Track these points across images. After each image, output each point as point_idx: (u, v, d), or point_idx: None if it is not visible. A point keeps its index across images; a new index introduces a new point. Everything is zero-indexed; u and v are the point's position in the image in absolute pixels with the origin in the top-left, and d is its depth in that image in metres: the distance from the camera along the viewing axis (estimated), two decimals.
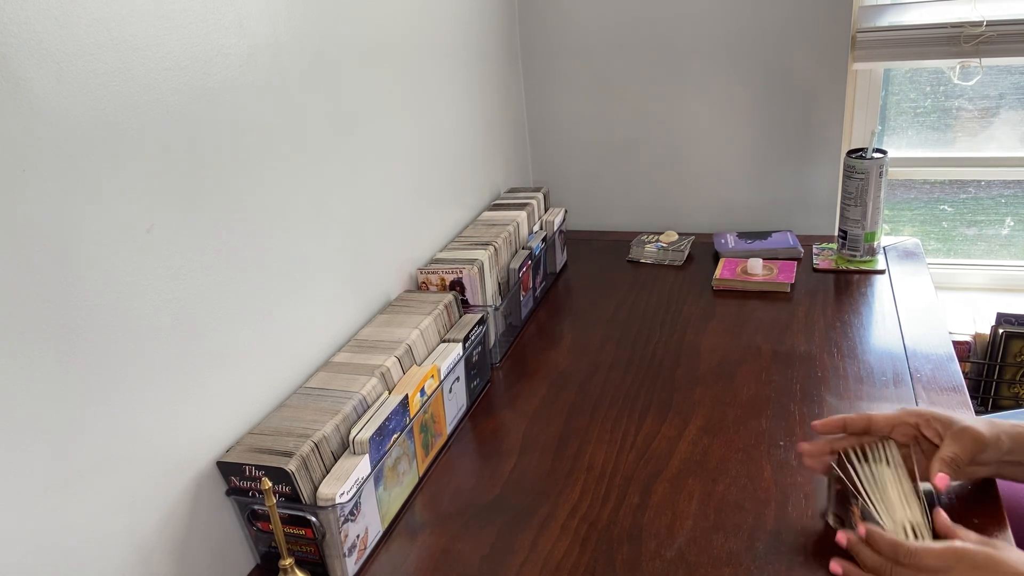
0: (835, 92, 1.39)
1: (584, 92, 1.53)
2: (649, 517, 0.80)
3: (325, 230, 0.93)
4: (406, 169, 1.13)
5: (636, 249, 1.45)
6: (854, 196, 1.26)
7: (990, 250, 1.60)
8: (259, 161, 0.81)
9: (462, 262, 1.11)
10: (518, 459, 0.92)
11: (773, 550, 0.74)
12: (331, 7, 0.92)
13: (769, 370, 1.04)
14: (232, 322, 0.78)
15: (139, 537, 0.68)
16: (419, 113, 1.16)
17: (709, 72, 1.44)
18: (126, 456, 0.66)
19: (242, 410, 0.80)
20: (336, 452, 0.78)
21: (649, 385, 1.04)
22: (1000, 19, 1.27)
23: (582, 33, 1.48)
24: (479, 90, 1.36)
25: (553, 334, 1.20)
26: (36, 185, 0.57)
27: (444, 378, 0.94)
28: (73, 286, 0.60)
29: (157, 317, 0.69)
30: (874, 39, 1.35)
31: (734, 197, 1.53)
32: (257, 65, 0.80)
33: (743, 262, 1.32)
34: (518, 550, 0.78)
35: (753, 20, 1.38)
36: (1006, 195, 1.55)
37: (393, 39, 1.07)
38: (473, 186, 1.36)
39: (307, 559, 0.76)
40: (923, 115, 1.52)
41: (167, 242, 0.70)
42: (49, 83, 0.58)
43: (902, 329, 1.10)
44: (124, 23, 0.64)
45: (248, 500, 0.75)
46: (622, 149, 1.56)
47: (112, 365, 0.64)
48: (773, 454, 0.88)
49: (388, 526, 0.83)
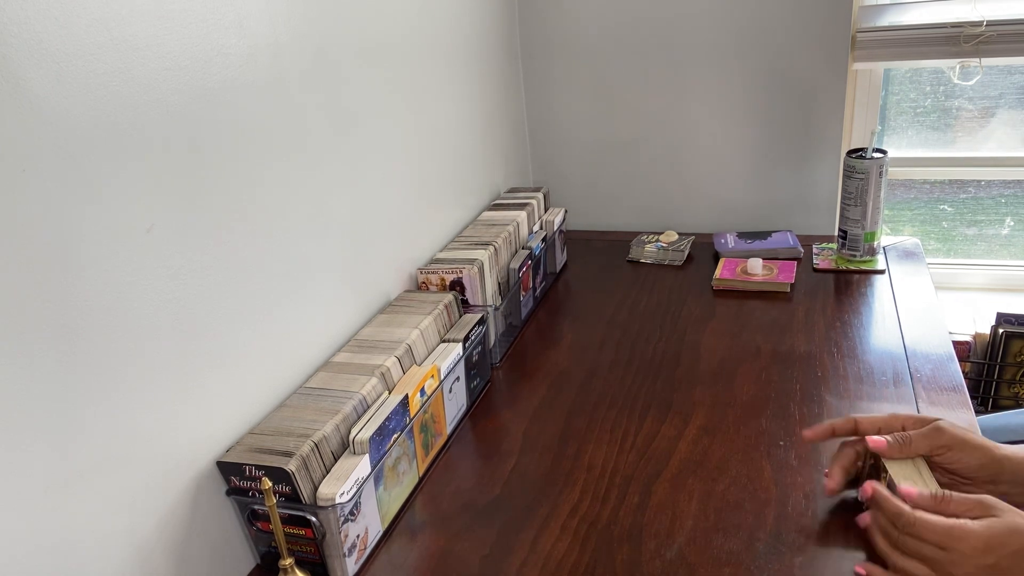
0: (835, 92, 1.39)
1: (584, 92, 1.53)
2: (649, 517, 0.80)
3: (325, 230, 0.93)
4: (406, 169, 1.13)
5: (636, 249, 1.45)
6: (854, 196, 1.26)
7: (990, 250, 1.60)
8: (259, 161, 0.81)
9: (462, 262, 1.11)
10: (518, 459, 0.92)
11: (773, 550, 0.74)
12: (331, 7, 0.92)
13: (769, 370, 1.04)
14: (232, 322, 0.78)
15: (139, 537, 0.68)
16: (419, 113, 1.16)
17: (709, 72, 1.44)
18: (126, 456, 0.66)
19: (242, 410, 0.80)
20: (336, 452, 0.78)
21: (649, 385, 1.04)
22: (1000, 19, 1.27)
23: (582, 33, 1.48)
24: (479, 90, 1.36)
25: (553, 334, 1.20)
26: (36, 185, 0.57)
27: (444, 378, 0.94)
28: (73, 286, 0.60)
29: (157, 317, 0.69)
30: (874, 39, 1.35)
31: (734, 197, 1.53)
32: (257, 65, 0.80)
33: (743, 262, 1.32)
34: (518, 550, 0.78)
35: (753, 20, 1.38)
36: (1006, 195, 1.55)
37: (393, 39, 1.07)
38: (473, 186, 1.36)
39: (307, 559, 0.76)
40: (923, 115, 1.52)
41: (167, 242, 0.70)
42: (49, 83, 0.58)
43: (902, 329, 1.10)
44: (124, 23, 0.64)
45: (248, 500, 0.75)
46: (622, 149, 1.56)
47: (112, 365, 0.64)
48: (773, 454, 0.88)
49: (388, 526, 0.83)
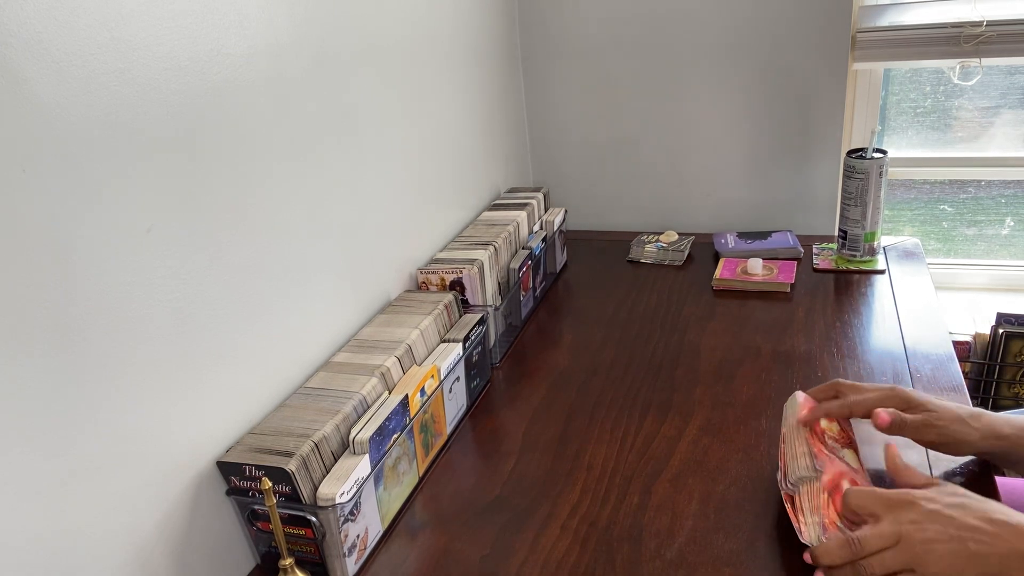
0: (835, 92, 1.39)
1: (584, 92, 1.53)
2: (649, 517, 0.80)
3: (325, 230, 0.93)
4: (406, 169, 1.13)
5: (636, 249, 1.45)
6: (854, 196, 1.26)
7: (990, 250, 1.60)
8: (259, 161, 0.81)
9: (462, 262, 1.11)
10: (518, 459, 0.92)
11: (773, 550, 0.74)
12: (331, 7, 0.92)
13: (769, 370, 1.04)
14: (232, 322, 0.78)
15: (139, 537, 0.68)
16: (419, 113, 1.16)
17: (709, 72, 1.44)
18: (126, 456, 0.66)
19: (242, 410, 0.80)
20: (336, 452, 0.78)
21: (649, 385, 1.04)
22: (1000, 19, 1.27)
23: (582, 33, 1.48)
24: (479, 90, 1.36)
25: (553, 334, 1.20)
26: (36, 185, 0.57)
27: (444, 378, 0.94)
28: (73, 286, 0.60)
29: (157, 317, 0.69)
30: (874, 39, 1.35)
31: (734, 197, 1.53)
32: (257, 65, 0.80)
33: (743, 262, 1.32)
34: (518, 550, 0.78)
35: (753, 20, 1.38)
36: (1006, 195, 1.55)
37: (393, 39, 1.07)
38: (473, 186, 1.36)
39: (307, 559, 0.76)
40: (923, 115, 1.52)
41: (167, 242, 0.70)
42: (49, 83, 0.58)
43: (902, 329, 1.10)
44: (124, 23, 0.64)
45: (248, 500, 0.75)
46: (622, 149, 1.56)
47: (112, 365, 0.64)
48: (773, 454, 0.88)
49: (388, 526, 0.83)
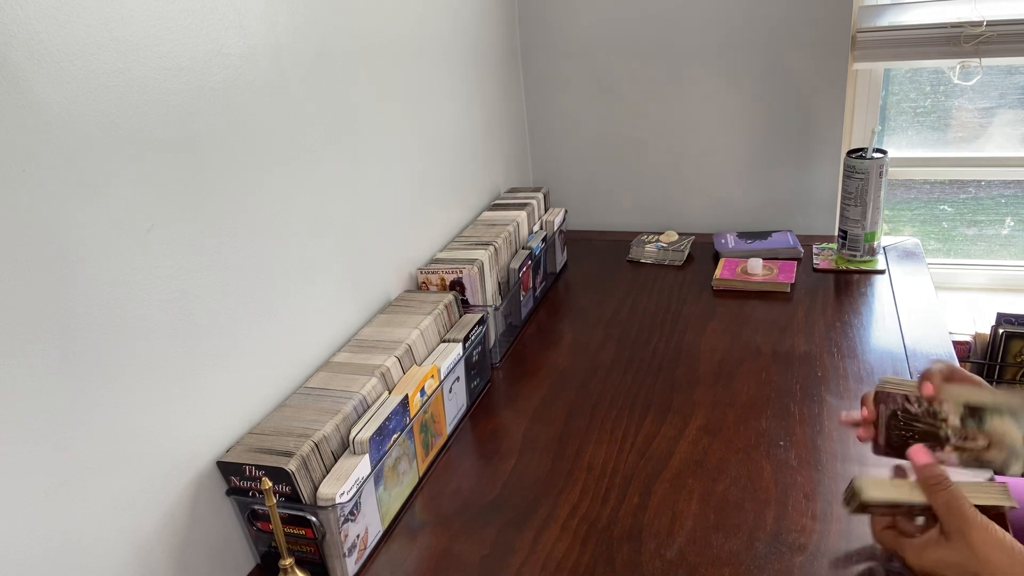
0: (835, 92, 1.39)
1: (584, 92, 1.53)
2: (649, 517, 0.80)
3: (325, 230, 0.93)
4: (406, 169, 1.13)
5: (636, 249, 1.45)
6: (854, 196, 1.26)
7: (990, 250, 1.60)
8: (259, 161, 0.81)
9: (462, 262, 1.11)
10: (518, 459, 0.92)
11: (773, 550, 0.74)
12: (331, 7, 0.92)
13: (769, 370, 1.04)
14: (232, 322, 0.78)
15: (139, 537, 0.68)
16: (419, 113, 1.16)
17: (709, 72, 1.44)
18: (126, 456, 0.66)
19: (242, 410, 0.80)
20: (336, 452, 0.78)
21: (649, 385, 1.04)
22: (1000, 19, 1.27)
23: (582, 33, 1.48)
24: (479, 90, 1.36)
25: (553, 334, 1.20)
26: (36, 185, 0.57)
27: (444, 378, 0.94)
28: (73, 286, 0.60)
29: (157, 317, 0.69)
30: (874, 39, 1.35)
31: (734, 197, 1.53)
32: (257, 65, 0.80)
33: (743, 262, 1.32)
34: (518, 550, 0.78)
35: (753, 20, 1.38)
36: (1006, 195, 1.55)
37: (393, 39, 1.07)
38: (473, 186, 1.36)
39: (307, 559, 0.76)
40: (923, 115, 1.52)
41: (167, 242, 0.70)
42: (49, 83, 0.58)
43: (902, 329, 1.10)
44: (124, 23, 0.64)
45: (248, 500, 0.75)
46: (622, 149, 1.56)
47: (112, 365, 0.64)
48: (773, 454, 0.88)
49: (388, 526, 0.83)
